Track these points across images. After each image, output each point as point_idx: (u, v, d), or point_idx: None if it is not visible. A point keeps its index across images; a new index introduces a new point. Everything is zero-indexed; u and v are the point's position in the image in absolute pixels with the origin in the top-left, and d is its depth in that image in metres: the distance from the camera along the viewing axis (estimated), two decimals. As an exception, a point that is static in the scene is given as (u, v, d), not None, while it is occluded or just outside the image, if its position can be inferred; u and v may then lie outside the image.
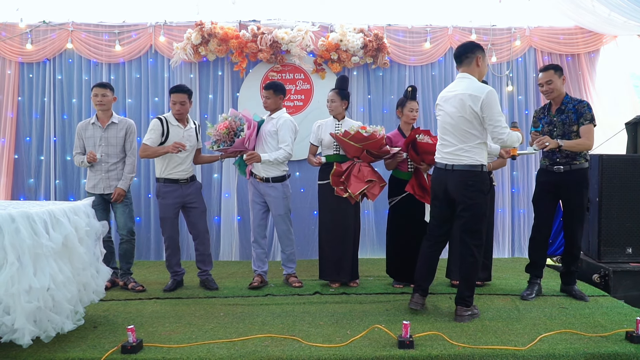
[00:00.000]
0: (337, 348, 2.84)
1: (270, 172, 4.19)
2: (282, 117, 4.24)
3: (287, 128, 4.19)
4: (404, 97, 4.30)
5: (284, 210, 4.27)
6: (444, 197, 3.45)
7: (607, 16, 5.18)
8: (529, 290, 3.96)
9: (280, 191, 4.23)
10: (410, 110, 4.24)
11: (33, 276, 2.62)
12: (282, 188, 4.24)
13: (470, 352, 2.80)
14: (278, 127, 4.18)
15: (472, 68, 3.39)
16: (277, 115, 4.24)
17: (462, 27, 5.96)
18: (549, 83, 3.79)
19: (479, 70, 3.40)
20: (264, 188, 4.23)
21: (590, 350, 2.80)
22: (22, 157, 5.78)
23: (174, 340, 2.97)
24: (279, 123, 4.19)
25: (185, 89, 4.15)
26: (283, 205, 4.25)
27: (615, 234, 4.43)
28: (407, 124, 4.30)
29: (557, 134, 3.78)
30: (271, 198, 4.23)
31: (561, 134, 3.77)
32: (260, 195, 4.28)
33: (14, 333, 2.58)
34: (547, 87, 3.80)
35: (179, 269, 4.31)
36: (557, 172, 3.79)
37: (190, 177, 4.19)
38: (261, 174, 4.21)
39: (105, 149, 4.14)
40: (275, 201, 4.23)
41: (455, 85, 3.41)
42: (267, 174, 4.19)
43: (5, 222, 2.57)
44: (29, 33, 5.70)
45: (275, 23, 5.70)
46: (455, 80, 3.46)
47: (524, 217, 5.99)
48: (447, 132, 3.40)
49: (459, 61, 3.43)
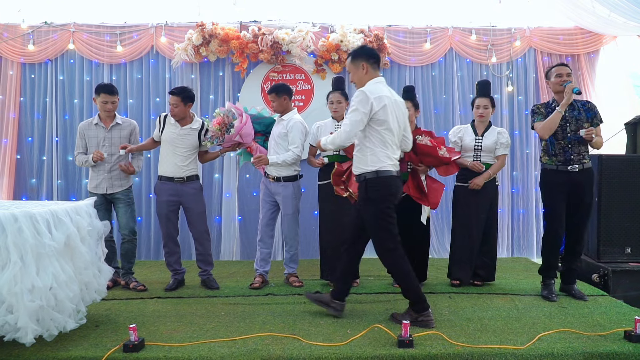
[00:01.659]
0: (337, 347, 2.86)
1: (282, 171, 4.23)
2: (293, 119, 4.25)
3: (297, 130, 4.20)
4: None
5: (293, 210, 4.29)
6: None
7: (607, 17, 5.20)
8: (547, 290, 3.93)
9: (291, 190, 4.25)
10: None
11: (36, 275, 2.64)
12: (293, 187, 4.26)
13: (469, 351, 2.81)
14: (288, 129, 4.20)
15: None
16: (288, 117, 4.26)
17: (462, 28, 5.98)
18: (569, 75, 3.83)
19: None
20: (275, 187, 4.26)
21: (589, 350, 2.82)
22: (24, 157, 5.81)
23: (175, 339, 2.99)
24: (289, 125, 4.21)
25: (176, 91, 4.10)
26: (292, 204, 4.28)
27: (615, 233, 4.44)
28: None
29: (571, 129, 3.80)
30: (281, 197, 4.25)
31: (574, 130, 3.79)
32: (271, 194, 4.31)
33: (17, 332, 2.60)
34: (568, 78, 3.81)
35: (179, 267, 4.32)
36: (572, 172, 3.79)
37: (187, 176, 4.19)
38: (273, 173, 4.24)
39: (109, 149, 4.16)
40: (285, 200, 4.25)
41: (389, 90, 3.34)
42: (279, 174, 4.23)
43: (8, 222, 2.59)
44: (31, 34, 5.73)
45: (276, 24, 5.73)
46: (384, 83, 3.34)
47: (523, 217, 6.01)
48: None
49: (378, 65, 3.38)
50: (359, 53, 3.32)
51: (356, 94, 3.17)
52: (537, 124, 3.83)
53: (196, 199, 4.24)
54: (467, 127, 4.30)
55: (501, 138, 4.20)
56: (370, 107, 3.12)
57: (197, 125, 4.23)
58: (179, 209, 4.27)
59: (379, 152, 3.20)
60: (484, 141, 4.18)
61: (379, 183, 3.21)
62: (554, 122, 3.74)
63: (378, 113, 3.14)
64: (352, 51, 3.38)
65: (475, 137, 4.20)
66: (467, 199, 4.21)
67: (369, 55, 3.30)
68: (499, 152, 4.21)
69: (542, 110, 3.90)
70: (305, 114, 5.71)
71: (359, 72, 3.29)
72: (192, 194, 4.21)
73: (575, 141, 3.78)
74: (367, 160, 3.22)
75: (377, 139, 3.20)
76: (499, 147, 4.20)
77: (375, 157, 3.20)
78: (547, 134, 3.76)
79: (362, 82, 3.28)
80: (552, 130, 3.75)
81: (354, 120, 3.13)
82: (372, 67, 3.29)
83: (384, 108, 3.16)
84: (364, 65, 3.27)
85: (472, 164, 4.15)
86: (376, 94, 3.15)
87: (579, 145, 3.80)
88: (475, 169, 4.14)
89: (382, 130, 3.19)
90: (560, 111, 3.71)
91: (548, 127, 3.75)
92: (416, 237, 4.22)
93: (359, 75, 3.30)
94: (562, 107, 3.71)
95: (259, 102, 5.73)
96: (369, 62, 3.28)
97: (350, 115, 3.16)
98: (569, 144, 3.79)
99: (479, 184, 4.14)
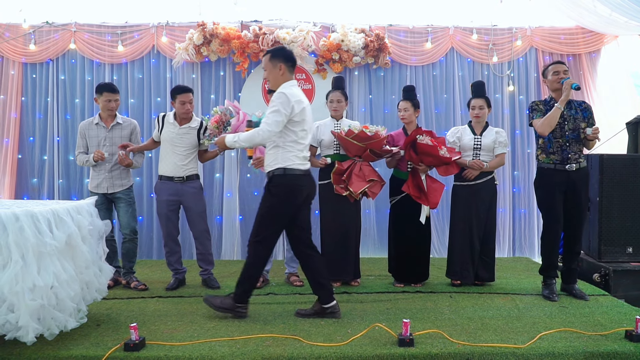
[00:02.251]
0: (338, 347, 2.86)
1: None
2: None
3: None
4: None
5: None
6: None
7: (608, 16, 5.19)
8: (548, 290, 3.94)
9: None
10: (399, 110, 4.30)
11: (37, 274, 2.64)
12: None
13: (470, 350, 2.81)
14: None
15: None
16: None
17: (463, 27, 5.98)
18: (565, 72, 3.84)
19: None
20: None
21: (590, 349, 2.82)
22: (25, 157, 5.82)
23: (176, 338, 3.00)
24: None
25: (188, 88, 4.21)
26: None
27: (616, 233, 4.43)
28: (405, 123, 4.32)
29: (569, 128, 3.80)
30: None
31: (572, 128, 3.80)
32: None
33: (18, 330, 2.60)
34: (565, 75, 3.82)
35: (180, 267, 4.33)
36: (569, 171, 3.80)
37: (187, 175, 4.20)
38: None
39: (110, 149, 4.16)
40: None
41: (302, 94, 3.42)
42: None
43: (9, 221, 2.59)
44: (32, 34, 5.74)
45: (277, 23, 5.73)
46: (297, 87, 3.42)
47: (524, 216, 6.00)
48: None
49: (294, 69, 3.44)
50: (278, 54, 3.39)
51: (277, 95, 3.25)
52: (537, 121, 3.83)
53: (196, 199, 4.24)
54: (465, 128, 4.31)
55: (499, 137, 4.21)
56: (291, 109, 3.23)
57: (196, 124, 4.24)
58: (179, 208, 4.28)
59: (291, 151, 3.31)
60: (483, 140, 4.18)
61: (284, 180, 3.32)
62: (554, 118, 3.73)
63: (297, 115, 3.26)
64: (272, 50, 3.46)
65: (474, 137, 4.20)
66: (466, 199, 4.21)
67: (287, 58, 3.39)
68: (497, 150, 4.22)
69: (541, 107, 3.90)
70: (306, 114, 5.71)
71: (275, 71, 3.36)
72: (192, 193, 4.21)
73: (573, 140, 3.79)
74: (279, 157, 3.32)
75: (291, 139, 3.31)
76: (497, 146, 4.21)
77: (286, 155, 3.31)
78: (548, 130, 3.75)
79: (277, 83, 3.38)
80: (552, 126, 3.74)
81: (276, 121, 3.22)
82: (289, 70, 3.38)
83: (302, 111, 3.29)
84: (281, 66, 3.35)
85: (472, 162, 4.15)
86: (296, 97, 3.27)
87: (577, 144, 3.81)
88: (476, 167, 4.14)
89: (299, 132, 3.31)
90: (560, 107, 3.71)
91: (548, 123, 3.74)
92: (416, 236, 4.22)
93: (274, 75, 3.37)
94: (561, 103, 3.71)
95: (260, 101, 5.73)
96: (287, 64, 3.36)
97: (272, 115, 3.22)
98: (567, 143, 3.79)
99: (473, 173, 4.16)
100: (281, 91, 3.25)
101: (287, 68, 3.36)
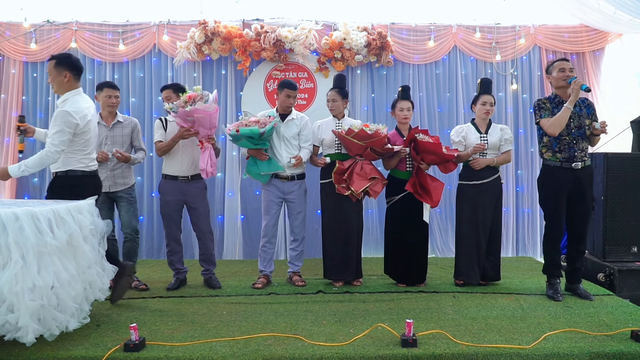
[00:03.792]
0: (340, 347, 2.83)
1: (296, 170, 4.26)
2: (302, 117, 4.37)
3: (310, 127, 4.34)
4: (396, 97, 4.32)
5: (303, 208, 4.35)
6: None
7: (612, 14, 5.16)
8: (553, 290, 3.89)
9: (303, 188, 4.34)
10: (400, 109, 4.25)
11: (37, 274, 2.62)
12: (303, 185, 4.34)
13: (474, 351, 2.78)
14: (302, 127, 4.28)
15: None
16: (296, 115, 4.32)
17: (467, 26, 5.94)
18: (571, 70, 3.81)
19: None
20: (289, 186, 4.26)
21: (595, 349, 2.78)
22: (26, 156, 5.73)
23: (176, 339, 2.97)
24: (301, 123, 4.29)
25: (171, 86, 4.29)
26: (304, 202, 4.35)
27: (621, 232, 4.40)
28: (401, 123, 4.30)
29: (575, 125, 3.77)
30: (294, 195, 4.27)
31: (577, 126, 3.77)
32: (280, 195, 4.28)
33: (17, 331, 2.58)
34: (571, 73, 3.79)
35: (181, 267, 4.31)
36: (576, 169, 3.77)
37: (192, 175, 4.18)
38: (286, 172, 4.23)
39: (111, 148, 4.15)
40: (299, 198, 4.29)
41: (85, 99, 3.49)
42: (293, 172, 4.25)
43: (9, 221, 2.57)
44: (33, 32, 5.73)
45: (279, 22, 5.71)
46: (82, 94, 3.49)
47: (528, 216, 5.97)
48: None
49: (79, 77, 3.48)
50: (64, 62, 3.41)
51: (61, 113, 3.27)
52: (545, 121, 3.77)
53: (201, 198, 4.23)
54: (469, 126, 4.25)
55: (505, 134, 4.18)
56: (75, 127, 3.32)
57: None
58: (183, 208, 4.26)
59: (75, 156, 3.43)
60: (489, 138, 4.14)
61: (66, 181, 3.45)
62: (564, 119, 3.69)
63: (82, 128, 3.36)
64: (57, 56, 3.47)
65: (480, 135, 4.16)
66: (473, 198, 4.17)
67: (74, 66, 3.42)
68: (503, 148, 4.19)
69: (548, 104, 3.85)
70: (308, 112, 5.68)
71: (60, 78, 3.40)
72: (196, 193, 4.20)
73: (579, 137, 3.76)
74: (62, 161, 3.41)
75: (77, 146, 3.42)
76: (503, 144, 4.18)
77: (69, 160, 3.42)
78: (558, 131, 3.70)
79: (62, 90, 3.42)
80: (562, 127, 3.70)
81: (62, 140, 3.28)
82: (75, 78, 3.43)
83: (87, 123, 3.40)
84: (66, 74, 3.38)
85: (474, 148, 4.08)
86: (80, 113, 3.33)
87: (582, 142, 3.78)
88: (479, 149, 4.08)
89: (84, 141, 3.44)
90: (570, 107, 3.67)
91: (558, 123, 3.70)
92: (416, 237, 4.20)
93: (59, 82, 3.41)
94: (570, 104, 3.67)
95: (262, 100, 5.71)
96: (72, 72, 3.40)
97: (57, 136, 3.26)
98: (574, 140, 3.76)
99: (480, 163, 4.10)
100: (65, 110, 3.28)
101: (72, 76, 3.40)
